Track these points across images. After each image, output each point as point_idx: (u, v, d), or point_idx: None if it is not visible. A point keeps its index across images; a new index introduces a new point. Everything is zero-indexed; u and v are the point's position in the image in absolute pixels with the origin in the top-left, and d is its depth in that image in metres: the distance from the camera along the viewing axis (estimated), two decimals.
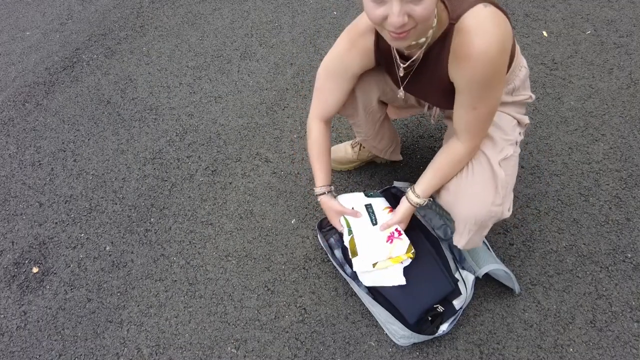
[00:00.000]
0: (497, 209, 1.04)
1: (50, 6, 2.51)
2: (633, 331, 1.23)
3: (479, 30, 0.86)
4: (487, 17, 0.85)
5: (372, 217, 1.22)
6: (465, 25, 0.87)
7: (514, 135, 1.09)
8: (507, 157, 1.06)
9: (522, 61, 1.10)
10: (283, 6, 2.27)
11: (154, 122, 1.88)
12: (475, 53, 0.87)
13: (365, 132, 1.35)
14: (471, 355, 1.23)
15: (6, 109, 2.03)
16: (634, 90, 1.74)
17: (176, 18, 2.31)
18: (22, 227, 1.63)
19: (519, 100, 1.12)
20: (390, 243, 1.18)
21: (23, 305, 1.45)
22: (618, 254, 1.36)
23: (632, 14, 1.99)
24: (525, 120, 1.14)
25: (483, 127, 1.02)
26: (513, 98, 1.11)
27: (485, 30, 0.85)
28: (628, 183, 1.50)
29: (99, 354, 1.33)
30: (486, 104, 0.96)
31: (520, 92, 1.12)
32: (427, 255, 1.28)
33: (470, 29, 0.86)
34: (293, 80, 1.94)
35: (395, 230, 1.19)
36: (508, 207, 1.07)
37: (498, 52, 0.87)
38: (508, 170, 1.06)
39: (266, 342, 1.30)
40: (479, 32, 0.85)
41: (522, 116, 1.13)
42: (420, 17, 0.81)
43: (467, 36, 0.87)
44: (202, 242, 1.52)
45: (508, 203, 1.07)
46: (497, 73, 0.91)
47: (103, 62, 2.16)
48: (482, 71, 0.89)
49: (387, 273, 1.20)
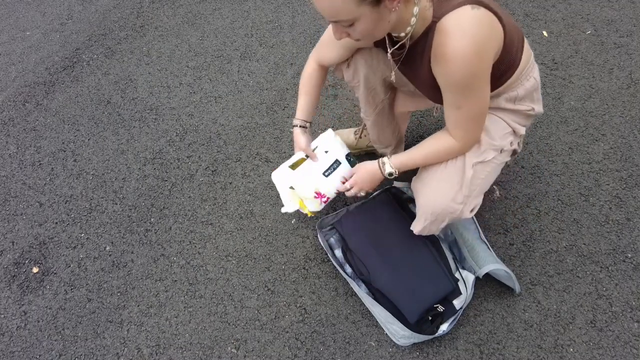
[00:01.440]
0: (455, 207, 1.05)
1: (50, 6, 2.51)
2: (633, 331, 1.23)
3: (456, 32, 0.85)
4: (469, 19, 0.85)
5: (330, 170, 1.26)
6: (444, 25, 0.86)
7: (502, 143, 1.07)
8: (485, 161, 1.05)
9: (534, 72, 1.07)
10: (283, 6, 2.27)
11: (154, 122, 1.88)
12: (450, 54, 0.86)
13: (365, 111, 1.35)
14: (471, 355, 1.23)
15: (6, 109, 2.03)
16: (634, 90, 1.73)
17: (176, 18, 2.31)
18: (22, 227, 1.63)
19: (520, 110, 1.10)
20: (316, 198, 1.26)
21: (23, 305, 1.45)
22: (618, 254, 1.36)
23: (632, 14, 1.99)
24: (521, 131, 1.11)
25: (474, 126, 1.01)
26: (514, 106, 1.09)
27: (463, 32, 0.85)
28: (628, 183, 1.50)
29: (99, 354, 1.33)
30: (471, 104, 0.96)
31: (524, 102, 1.09)
32: (427, 255, 1.28)
33: (449, 29, 0.86)
34: (293, 80, 1.94)
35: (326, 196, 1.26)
36: (471, 209, 1.08)
37: (473, 54, 0.86)
38: (481, 174, 1.06)
39: (266, 342, 1.30)
40: (456, 34, 0.85)
41: (518, 126, 1.10)
42: (357, 37, 0.88)
43: (444, 37, 0.86)
44: (202, 242, 1.52)
45: (471, 205, 1.08)
46: (475, 76, 0.90)
47: (103, 62, 2.16)
48: (459, 73, 0.89)
49: (288, 193, 1.30)
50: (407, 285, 1.23)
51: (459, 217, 1.08)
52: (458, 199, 1.05)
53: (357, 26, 0.85)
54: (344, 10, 0.81)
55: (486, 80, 0.93)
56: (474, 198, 1.08)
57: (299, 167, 1.27)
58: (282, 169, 1.29)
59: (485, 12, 0.86)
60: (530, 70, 1.06)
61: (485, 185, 1.10)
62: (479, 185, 1.07)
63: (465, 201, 1.06)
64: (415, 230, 1.17)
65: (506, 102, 1.08)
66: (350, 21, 0.84)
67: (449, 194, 1.05)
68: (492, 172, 1.09)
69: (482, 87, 0.94)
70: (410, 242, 1.29)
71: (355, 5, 0.80)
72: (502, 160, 1.10)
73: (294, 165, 1.28)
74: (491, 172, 1.09)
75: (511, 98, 1.07)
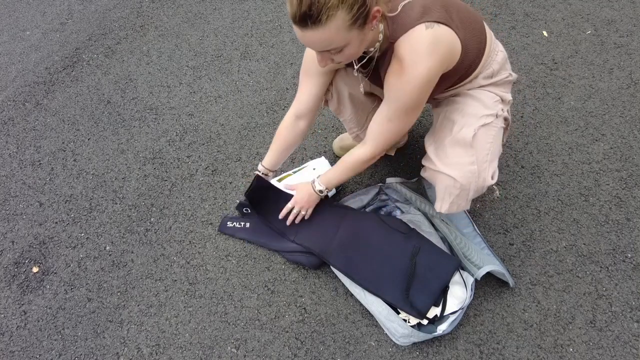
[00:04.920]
0: (475, 170, 1.08)
1: (50, 6, 2.51)
2: (633, 331, 1.23)
3: (410, 60, 0.92)
4: (423, 44, 0.91)
5: None
6: (399, 51, 0.93)
7: (495, 109, 1.12)
8: (486, 124, 1.10)
9: (498, 46, 1.14)
10: (283, 6, 2.27)
11: (154, 122, 1.88)
12: (401, 81, 0.95)
13: (357, 125, 1.40)
14: (471, 355, 1.23)
15: (6, 108, 2.03)
16: (634, 90, 1.74)
17: (176, 18, 2.31)
18: (22, 227, 1.63)
19: (500, 80, 1.15)
20: None
21: (23, 305, 1.45)
22: (618, 254, 1.36)
23: (632, 14, 1.99)
24: (507, 97, 1.17)
25: (387, 139, 1.12)
26: (494, 80, 1.14)
27: (416, 60, 0.92)
28: (628, 183, 1.50)
29: (99, 354, 1.33)
30: (400, 122, 1.07)
31: (500, 73, 1.16)
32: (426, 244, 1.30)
33: (404, 57, 0.93)
34: (293, 80, 1.94)
35: None
36: (491, 174, 1.11)
37: (425, 83, 0.95)
38: (488, 137, 1.10)
39: (266, 342, 1.30)
40: (410, 62, 0.92)
41: (504, 93, 1.16)
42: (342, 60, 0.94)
43: (399, 64, 0.94)
44: (202, 241, 1.52)
45: (490, 170, 1.11)
46: (419, 99, 1.00)
47: (103, 62, 2.16)
48: (407, 97, 0.98)
49: None
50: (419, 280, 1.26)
51: (482, 184, 1.10)
52: (475, 162, 1.08)
53: (346, 50, 0.90)
54: (336, 39, 0.86)
55: (421, 107, 1.05)
56: (489, 163, 1.11)
57: (284, 180, 1.48)
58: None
59: (440, 29, 0.91)
60: (496, 45, 1.13)
61: (496, 150, 1.13)
62: (489, 149, 1.10)
63: (482, 166, 1.09)
64: (443, 209, 1.17)
65: (484, 79, 1.13)
66: (341, 47, 0.89)
67: (465, 161, 1.08)
68: (496, 135, 1.13)
69: (418, 110, 1.05)
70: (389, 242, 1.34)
71: (346, 32, 0.85)
72: (499, 125, 1.14)
73: (280, 179, 1.49)
74: (496, 135, 1.12)
75: (488, 75, 1.13)
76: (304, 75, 1.22)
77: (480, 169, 1.08)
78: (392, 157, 1.62)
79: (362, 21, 0.84)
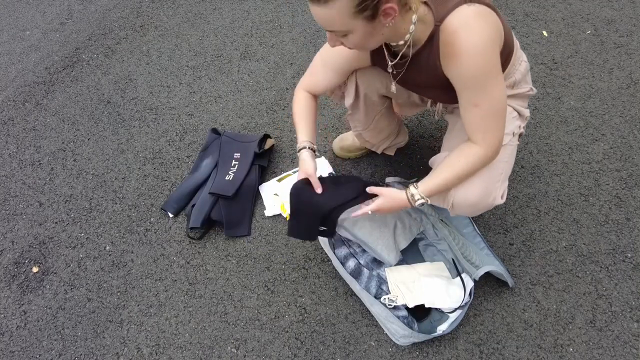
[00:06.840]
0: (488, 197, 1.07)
1: (50, 6, 2.51)
2: (633, 331, 1.23)
3: (463, 28, 0.88)
4: (470, 15, 0.88)
5: None
6: (449, 25, 0.89)
7: (512, 126, 1.11)
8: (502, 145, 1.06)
9: (522, 55, 1.13)
10: (283, 6, 2.27)
11: (154, 122, 1.88)
12: (463, 49, 0.89)
13: (362, 124, 1.38)
14: (471, 355, 1.23)
15: (6, 108, 2.03)
16: (634, 90, 1.74)
17: (176, 18, 2.31)
18: (22, 227, 1.63)
19: (520, 93, 1.14)
20: None
21: (23, 305, 1.45)
22: (618, 254, 1.36)
23: (632, 14, 1.99)
24: (526, 113, 1.16)
25: (494, 124, 0.98)
26: (514, 91, 1.13)
27: (469, 26, 0.88)
28: (628, 183, 1.50)
29: (99, 354, 1.33)
30: (488, 100, 0.94)
31: (522, 85, 1.14)
32: None
33: (455, 27, 0.89)
34: (293, 80, 1.94)
35: None
36: (501, 194, 1.10)
37: (485, 45, 0.89)
38: (503, 157, 1.08)
39: (266, 342, 1.30)
40: (464, 29, 0.88)
41: (523, 109, 1.15)
42: (350, 46, 0.94)
43: (453, 35, 0.89)
44: (202, 241, 1.52)
45: (501, 190, 1.10)
46: (489, 66, 0.91)
47: (103, 62, 2.16)
48: (473, 67, 0.90)
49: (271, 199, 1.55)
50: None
51: (492, 203, 1.09)
52: (489, 188, 1.06)
53: (351, 37, 0.89)
54: (338, 21, 0.84)
55: (499, 73, 0.94)
56: (501, 183, 1.10)
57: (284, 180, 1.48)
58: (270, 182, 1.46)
59: (481, 7, 0.90)
60: (520, 54, 1.11)
61: (508, 169, 1.12)
62: (503, 169, 1.10)
63: (494, 185, 1.08)
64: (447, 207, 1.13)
65: (507, 88, 1.11)
66: (344, 32, 0.88)
67: (480, 185, 1.06)
68: (511, 154, 1.12)
69: (497, 79, 0.94)
70: None
71: (349, 18, 0.83)
72: (515, 143, 1.13)
73: (280, 179, 1.49)
74: (510, 154, 1.12)
75: (510, 84, 1.11)
76: (325, 67, 1.18)
77: (492, 189, 1.07)
78: (392, 157, 1.62)
79: (370, 13, 0.83)
